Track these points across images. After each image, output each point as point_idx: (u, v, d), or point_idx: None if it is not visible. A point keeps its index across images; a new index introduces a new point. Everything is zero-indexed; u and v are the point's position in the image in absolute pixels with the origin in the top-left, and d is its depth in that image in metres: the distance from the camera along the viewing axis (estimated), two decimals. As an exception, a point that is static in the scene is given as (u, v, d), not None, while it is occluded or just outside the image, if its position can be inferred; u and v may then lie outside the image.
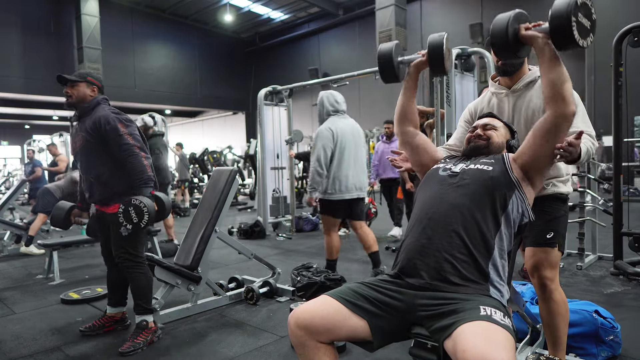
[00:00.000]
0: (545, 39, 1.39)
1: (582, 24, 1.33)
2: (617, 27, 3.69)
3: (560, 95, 1.40)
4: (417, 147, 1.75)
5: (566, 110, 1.40)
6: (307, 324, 1.32)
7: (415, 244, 1.41)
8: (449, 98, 4.11)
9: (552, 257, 1.82)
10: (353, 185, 3.51)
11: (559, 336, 1.85)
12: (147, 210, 2.37)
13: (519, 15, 1.44)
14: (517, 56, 1.50)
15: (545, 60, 1.41)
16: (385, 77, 1.75)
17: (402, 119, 1.78)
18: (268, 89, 6.39)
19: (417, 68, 1.73)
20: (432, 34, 1.65)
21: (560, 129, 1.43)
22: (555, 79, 1.41)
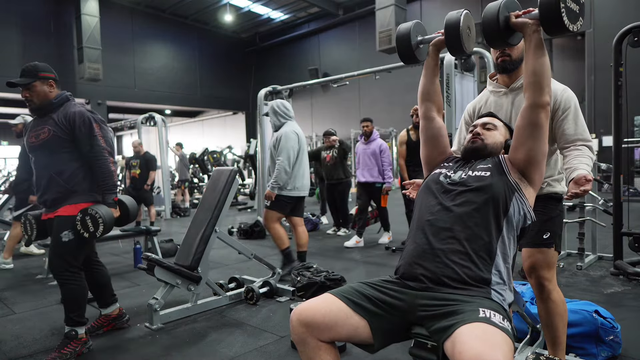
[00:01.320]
0: (536, 25, 1.41)
1: (571, 8, 1.33)
2: (617, 27, 3.69)
3: (539, 84, 1.43)
4: (431, 138, 1.70)
5: (541, 99, 1.43)
6: (308, 321, 1.32)
7: (417, 250, 1.41)
8: (449, 98, 4.12)
9: (549, 258, 1.82)
10: (306, 184, 3.90)
11: (558, 336, 1.85)
12: (103, 221, 2.31)
13: (509, 3, 1.44)
14: (509, 44, 1.51)
15: (531, 47, 1.43)
16: (404, 58, 1.68)
17: (425, 98, 1.71)
18: (268, 89, 6.39)
19: (436, 47, 1.66)
20: (451, 12, 1.56)
21: (539, 118, 1.44)
22: (537, 68, 1.43)
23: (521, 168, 1.48)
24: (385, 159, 5.25)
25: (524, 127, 1.47)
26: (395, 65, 5.24)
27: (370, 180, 5.26)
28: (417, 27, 1.67)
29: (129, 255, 5.00)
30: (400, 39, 1.66)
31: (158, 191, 8.90)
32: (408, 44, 1.64)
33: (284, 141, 3.72)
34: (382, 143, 5.31)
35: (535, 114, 1.44)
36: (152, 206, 6.88)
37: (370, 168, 5.25)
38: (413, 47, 1.65)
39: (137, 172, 6.44)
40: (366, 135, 5.38)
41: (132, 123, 10.10)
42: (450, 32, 1.53)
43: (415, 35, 1.66)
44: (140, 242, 4.66)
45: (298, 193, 3.84)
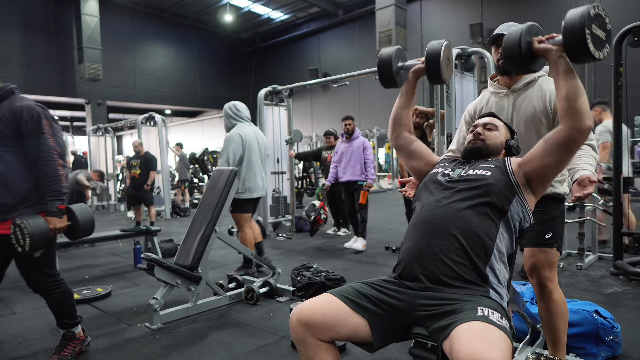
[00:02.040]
0: (560, 51, 1.35)
1: (597, 35, 1.28)
2: (617, 27, 3.69)
3: (576, 109, 1.35)
4: (412, 153, 1.74)
5: (582, 124, 1.36)
6: (308, 321, 1.32)
7: (414, 248, 1.41)
8: (449, 98, 4.12)
9: (551, 257, 1.82)
10: (261, 185, 3.92)
11: (558, 336, 1.85)
12: (29, 233, 1.99)
13: (531, 28, 1.40)
14: (531, 69, 1.45)
15: (559, 73, 1.38)
16: (384, 82, 1.73)
17: (396, 124, 1.76)
18: (268, 89, 6.39)
19: (415, 74, 1.72)
20: (432, 41, 1.62)
21: (576, 143, 1.39)
22: (569, 93, 1.36)
23: (529, 177, 1.46)
24: (368, 157, 5.17)
25: (554, 145, 1.41)
26: (395, 65, 5.23)
27: (352, 179, 5.17)
28: (398, 53, 1.72)
29: (129, 255, 5.00)
30: (382, 63, 1.70)
31: (158, 191, 8.90)
32: (389, 69, 1.69)
33: (225, 144, 3.74)
34: (365, 141, 5.22)
35: (573, 140, 1.38)
36: (152, 206, 6.88)
37: (353, 167, 5.16)
38: (394, 72, 1.69)
39: (137, 172, 6.44)
40: (348, 134, 5.26)
41: (132, 123, 10.10)
42: (431, 63, 1.59)
43: (396, 60, 1.70)
44: (140, 242, 4.66)
45: (251, 195, 3.84)
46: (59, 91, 15.02)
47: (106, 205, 10.67)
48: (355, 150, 5.16)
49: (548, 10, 11.62)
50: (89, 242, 5.18)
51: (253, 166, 3.83)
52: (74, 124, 24.46)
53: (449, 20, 14.11)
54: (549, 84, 1.80)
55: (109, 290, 3.53)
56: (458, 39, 12.33)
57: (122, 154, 23.09)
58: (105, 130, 10.92)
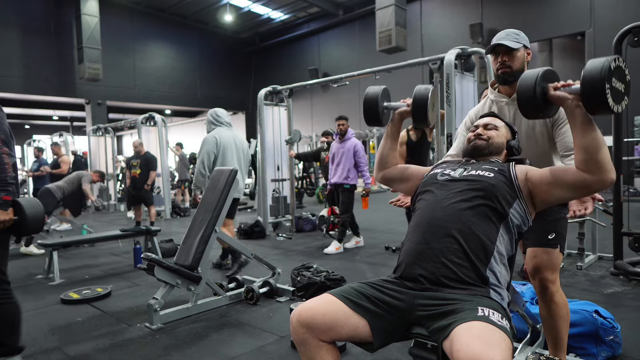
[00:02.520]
0: (576, 100, 1.29)
1: (617, 88, 1.23)
2: (617, 27, 3.69)
3: (596, 163, 1.28)
4: (401, 178, 1.75)
5: (605, 177, 1.29)
6: (308, 322, 1.32)
7: (414, 250, 1.41)
8: (448, 98, 4.12)
9: (554, 259, 1.81)
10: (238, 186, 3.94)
11: (560, 338, 1.85)
12: None
13: (547, 74, 1.35)
14: (545, 116, 1.40)
15: (576, 124, 1.31)
16: (370, 121, 1.74)
17: (382, 167, 1.79)
18: (268, 89, 6.39)
19: (400, 116, 1.74)
20: (419, 86, 1.66)
21: (591, 192, 1.36)
22: (589, 145, 1.29)
23: (533, 195, 1.45)
24: (361, 159, 5.05)
25: (568, 183, 1.36)
26: (395, 65, 5.24)
27: (338, 181, 5.06)
28: (384, 92, 1.74)
29: (129, 255, 5.00)
30: (369, 102, 1.72)
31: (158, 191, 8.90)
32: (376, 108, 1.71)
33: (201, 146, 3.94)
34: (357, 143, 5.10)
35: (587, 188, 1.34)
36: (152, 206, 6.87)
37: (342, 168, 5.05)
38: (380, 111, 1.72)
39: (137, 172, 6.44)
40: (341, 134, 5.15)
41: (132, 123, 10.10)
42: (418, 108, 1.62)
43: (382, 100, 1.72)
44: (140, 242, 4.66)
45: None
46: (59, 91, 15.01)
47: (106, 205, 10.67)
48: (346, 152, 5.06)
49: (548, 10, 11.62)
50: (89, 242, 5.18)
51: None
52: (74, 124, 24.46)
53: (449, 20, 14.11)
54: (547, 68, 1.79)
55: (109, 290, 3.53)
56: (458, 39, 12.33)
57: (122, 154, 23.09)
58: (105, 130, 10.92)
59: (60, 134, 11.14)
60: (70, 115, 22.72)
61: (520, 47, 1.78)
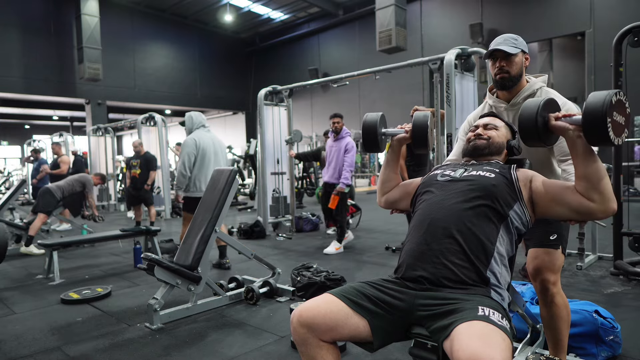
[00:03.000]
0: (577, 131, 1.32)
1: (617, 121, 1.27)
2: (617, 27, 3.69)
3: (597, 191, 1.31)
4: (401, 197, 1.75)
5: (605, 206, 1.31)
6: (309, 322, 1.32)
7: (415, 250, 1.41)
8: (449, 98, 4.11)
9: (555, 260, 1.81)
10: None
11: (560, 338, 1.85)
12: None
13: (548, 103, 1.38)
14: (546, 144, 1.43)
15: (578, 154, 1.33)
16: (369, 148, 1.78)
17: (384, 191, 1.80)
18: (268, 89, 6.38)
19: (399, 142, 1.77)
20: (417, 113, 1.71)
21: (591, 218, 1.38)
22: (590, 175, 1.31)
23: (534, 202, 1.45)
24: (347, 159, 4.91)
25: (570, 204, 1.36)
26: (395, 65, 5.24)
27: (330, 181, 5.00)
28: (381, 120, 1.78)
29: (129, 255, 5.01)
30: (368, 129, 1.76)
31: (158, 191, 8.89)
32: (374, 135, 1.75)
33: (182, 148, 4.15)
34: (350, 141, 5.00)
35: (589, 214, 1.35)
36: (152, 206, 6.87)
37: (334, 168, 4.99)
38: (379, 138, 1.76)
39: (137, 172, 6.44)
40: (336, 132, 5.08)
41: (132, 123, 10.10)
42: (418, 133, 1.68)
43: (379, 127, 1.76)
44: (140, 242, 4.66)
45: (201, 194, 3.99)
46: (59, 91, 15.00)
47: (106, 205, 10.67)
48: (338, 150, 5.00)
49: (548, 10, 11.61)
50: (89, 242, 5.18)
51: (206, 168, 4.13)
52: (74, 124, 24.46)
53: (449, 20, 14.10)
54: (548, 96, 1.78)
55: (109, 290, 3.53)
56: (458, 39, 12.33)
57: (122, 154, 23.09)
58: (105, 130, 10.91)
59: (60, 134, 11.13)
60: (70, 115, 22.72)
61: (518, 52, 1.77)
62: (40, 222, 5.28)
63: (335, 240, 5.00)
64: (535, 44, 13.02)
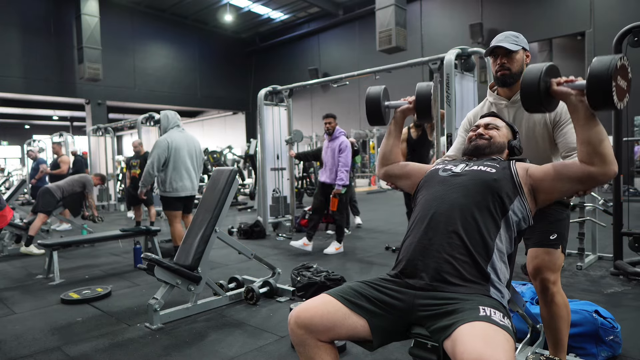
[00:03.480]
0: (580, 96, 1.33)
1: (620, 86, 1.29)
2: (617, 27, 3.69)
3: (598, 155, 1.32)
4: (403, 175, 1.75)
5: (608, 170, 1.33)
6: (307, 323, 1.32)
7: (416, 245, 1.40)
8: (448, 98, 4.11)
9: (555, 259, 1.81)
10: (189, 185, 4.27)
11: (560, 338, 1.85)
12: None
13: (550, 69, 1.39)
14: (547, 110, 1.44)
15: (579, 118, 1.35)
16: (372, 121, 1.77)
17: (384, 163, 1.80)
18: (268, 89, 6.38)
19: (403, 114, 1.77)
20: (420, 83, 1.71)
21: (596, 184, 1.38)
22: (592, 138, 1.33)
23: (535, 191, 1.46)
24: (342, 159, 4.86)
25: (572, 175, 1.39)
26: (395, 65, 5.24)
27: (328, 181, 4.93)
28: (384, 92, 1.78)
29: (129, 255, 5.01)
30: (371, 102, 1.75)
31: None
32: (378, 107, 1.75)
33: (153, 148, 4.17)
34: (344, 141, 4.95)
35: (592, 180, 1.36)
36: (152, 206, 6.87)
37: (330, 168, 4.95)
38: (382, 111, 1.75)
39: (137, 172, 6.44)
40: (329, 133, 5.04)
41: (132, 123, 10.10)
42: (422, 104, 1.68)
43: (383, 100, 1.76)
44: (140, 242, 4.66)
45: (178, 194, 4.20)
46: (59, 91, 15.01)
47: (106, 205, 10.67)
48: (333, 150, 4.96)
49: (548, 10, 11.62)
50: (89, 242, 5.18)
51: (179, 169, 4.18)
52: (74, 124, 24.47)
53: (449, 20, 14.11)
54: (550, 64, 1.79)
55: (109, 290, 3.53)
56: (458, 39, 12.34)
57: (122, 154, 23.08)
58: (105, 130, 10.91)
59: (60, 134, 11.12)
60: (70, 115, 22.73)
61: (519, 49, 1.78)
62: (40, 222, 5.28)
63: (335, 241, 5.00)
64: (535, 44, 13.02)
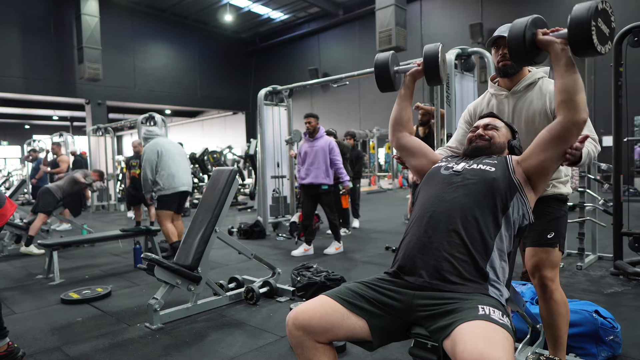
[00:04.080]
0: (563, 44, 1.38)
1: (602, 30, 1.31)
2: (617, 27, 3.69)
3: (574, 103, 1.39)
4: (414, 152, 1.76)
5: (578, 117, 1.39)
6: (305, 325, 1.32)
7: (416, 243, 1.40)
8: (448, 98, 4.11)
9: (553, 257, 1.82)
10: (185, 180, 4.48)
11: (559, 336, 1.85)
12: None
13: (536, 20, 1.43)
14: (534, 62, 1.47)
15: (560, 66, 1.41)
16: (382, 87, 1.78)
17: (396, 129, 1.79)
18: (268, 89, 6.38)
19: (412, 77, 1.77)
20: (428, 44, 1.70)
21: (571, 135, 1.42)
22: (570, 86, 1.39)
23: (530, 174, 1.48)
24: (336, 157, 4.84)
25: (550, 140, 1.44)
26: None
27: (315, 182, 4.77)
28: (393, 58, 1.77)
29: (129, 255, 5.00)
30: (380, 68, 1.75)
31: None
32: (387, 73, 1.74)
33: (143, 156, 4.44)
34: (331, 141, 4.88)
35: (568, 132, 1.41)
36: (152, 206, 6.86)
37: (317, 168, 4.77)
38: (391, 76, 1.75)
39: (137, 172, 6.43)
40: (310, 133, 4.90)
41: (132, 123, 10.09)
42: (430, 64, 1.66)
43: (392, 65, 1.75)
44: (140, 242, 4.66)
45: (176, 189, 4.41)
46: (59, 91, 15.01)
47: (106, 205, 10.67)
48: (319, 150, 4.81)
49: (548, 10, 11.61)
50: (89, 242, 5.18)
51: (168, 168, 4.37)
52: (74, 124, 24.48)
53: (449, 20, 14.11)
54: (549, 86, 1.80)
55: (109, 290, 3.53)
56: (458, 39, 12.33)
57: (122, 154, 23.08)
58: (105, 130, 10.91)
59: (60, 134, 11.12)
60: (70, 115, 22.73)
61: None
62: (41, 222, 5.28)
63: (334, 241, 5.00)
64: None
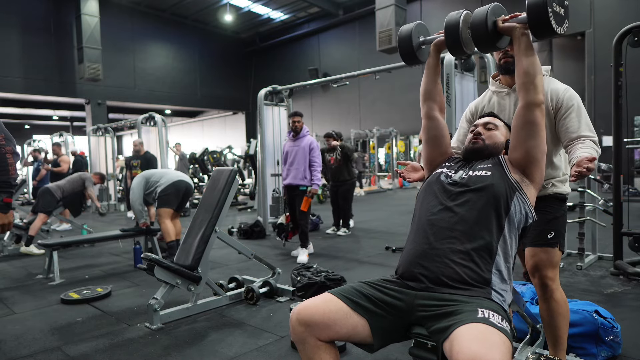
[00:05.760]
0: (523, 29, 1.46)
1: (557, 12, 1.39)
2: (617, 27, 3.69)
3: (533, 84, 1.47)
4: (434, 138, 1.70)
5: (537, 97, 1.47)
6: (307, 320, 1.32)
7: (417, 250, 1.41)
8: (448, 98, 4.11)
9: (553, 257, 1.82)
10: (176, 175, 4.53)
11: (559, 336, 1.85)
12: None
13: (496, 9, 1.49)
14: (497, 47, 1.55)
15: (521, 49, 1.49)
16: (406, 59, 1.71)
17: (427, 98, 1.71)
18: (268, 89, 6.38)
19: (437, 47, 1.67)
20: (451, 12, 1.57)
21: (535, 116, 1.47)
22: (529, 68, 1.48)
23: (522, 167, 1.50)
24: (315, 158, 4.64)
25: (521, 126, 1.50)
26: (395, 65, 5.24)
27: (294, 182, 4.64)
28: (419, 28, 1.70)
29: (129, 255, 5.00)
30: (403, 39, 1.68)
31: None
32: (410, 45, 1.68)
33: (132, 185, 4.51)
34: (313, 141, 4.71)
35: (531, 113, 1.47)
36: (152, 206, 6.86)
37: (296, 169, 4.65)
38: (415, 47, 1.68)
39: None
40: (295, 132, 4.76)
41: (132, 123, 10.10)
42: (450, 33, 1.55)
43: (417, 36, 1.69)
44: (140, 242, 4.66)
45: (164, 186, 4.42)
46: (59, 91, 15.02)
47: (106, 205, 10.67)
48: (300, 150, 4.66)
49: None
50: (89, 242, 5.18)
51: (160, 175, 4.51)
52: (74, 124, 24.47)
53: (449, 20, 14.10)
54: (550, 84, 1.80)
55: (109, 290, 3.53)
56: (458, 39, 12.32)
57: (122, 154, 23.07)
58: (105, 130, 10.91)
59: (60, 134, 11.13)
60: (70, 115, 22.73)
61: None
62: (41, 222, 5.27)
63: (300, 247, 4.66)
64: (535, 44, 13.01)
